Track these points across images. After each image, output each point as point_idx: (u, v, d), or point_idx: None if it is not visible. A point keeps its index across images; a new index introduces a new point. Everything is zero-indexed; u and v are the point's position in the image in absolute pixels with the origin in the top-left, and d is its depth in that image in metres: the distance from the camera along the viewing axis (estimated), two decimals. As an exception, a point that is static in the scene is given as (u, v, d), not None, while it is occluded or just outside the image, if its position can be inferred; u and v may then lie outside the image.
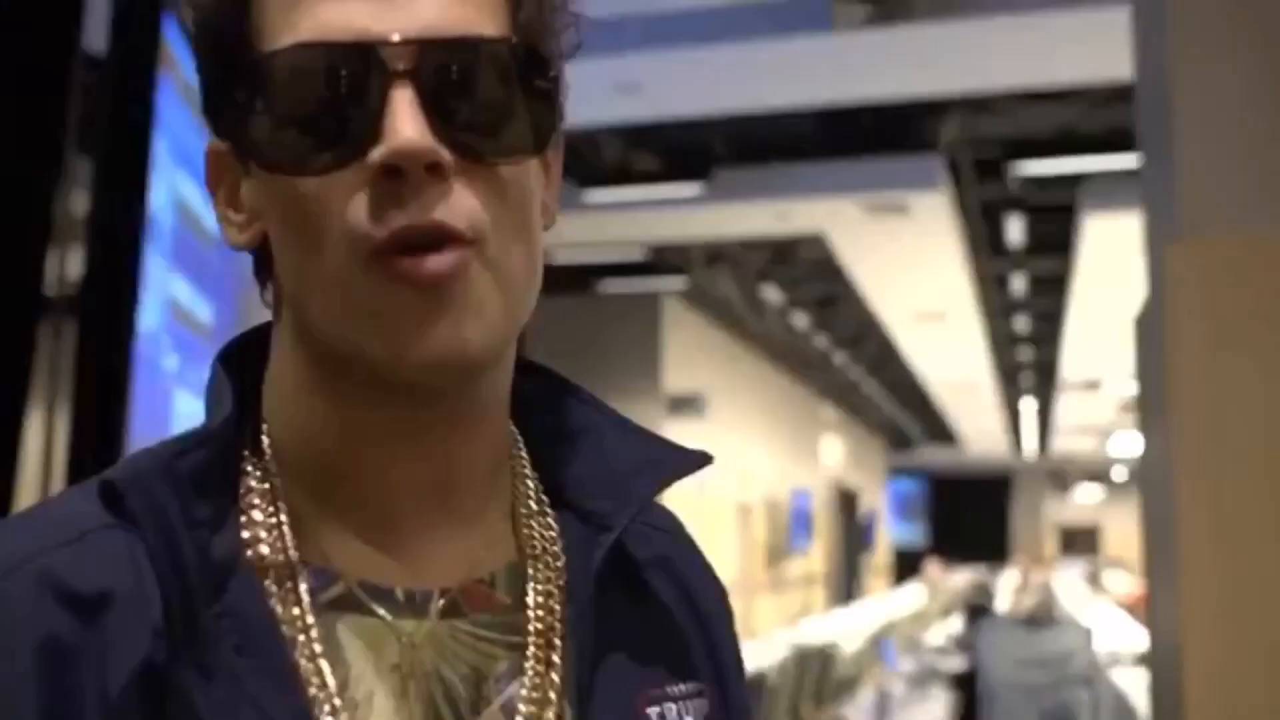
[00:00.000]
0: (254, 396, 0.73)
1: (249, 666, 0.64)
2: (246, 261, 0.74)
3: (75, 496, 0.69)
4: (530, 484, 0.76)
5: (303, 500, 0.70)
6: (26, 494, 2.61)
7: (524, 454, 0.77)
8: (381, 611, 0.68)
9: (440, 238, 0.63)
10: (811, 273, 9.87)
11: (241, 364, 0.73)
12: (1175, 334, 1.67)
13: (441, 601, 0.69)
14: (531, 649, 0.70)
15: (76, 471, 3.19)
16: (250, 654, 0.64)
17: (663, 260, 9.49)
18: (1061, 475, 27.69)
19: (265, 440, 0.72)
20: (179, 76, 3.87)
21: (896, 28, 5.10)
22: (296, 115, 0.64)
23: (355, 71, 0.63)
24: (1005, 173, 7.17)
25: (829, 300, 11.06)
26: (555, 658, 0.70)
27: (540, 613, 0.71)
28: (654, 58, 5.34)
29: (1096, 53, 4.87)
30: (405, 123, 0.62)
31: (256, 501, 0.70)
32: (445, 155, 0.62)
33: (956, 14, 4.97)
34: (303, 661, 0.66)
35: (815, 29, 5.06)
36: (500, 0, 0.67)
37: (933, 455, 25.10)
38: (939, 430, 21.69)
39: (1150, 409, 2.03)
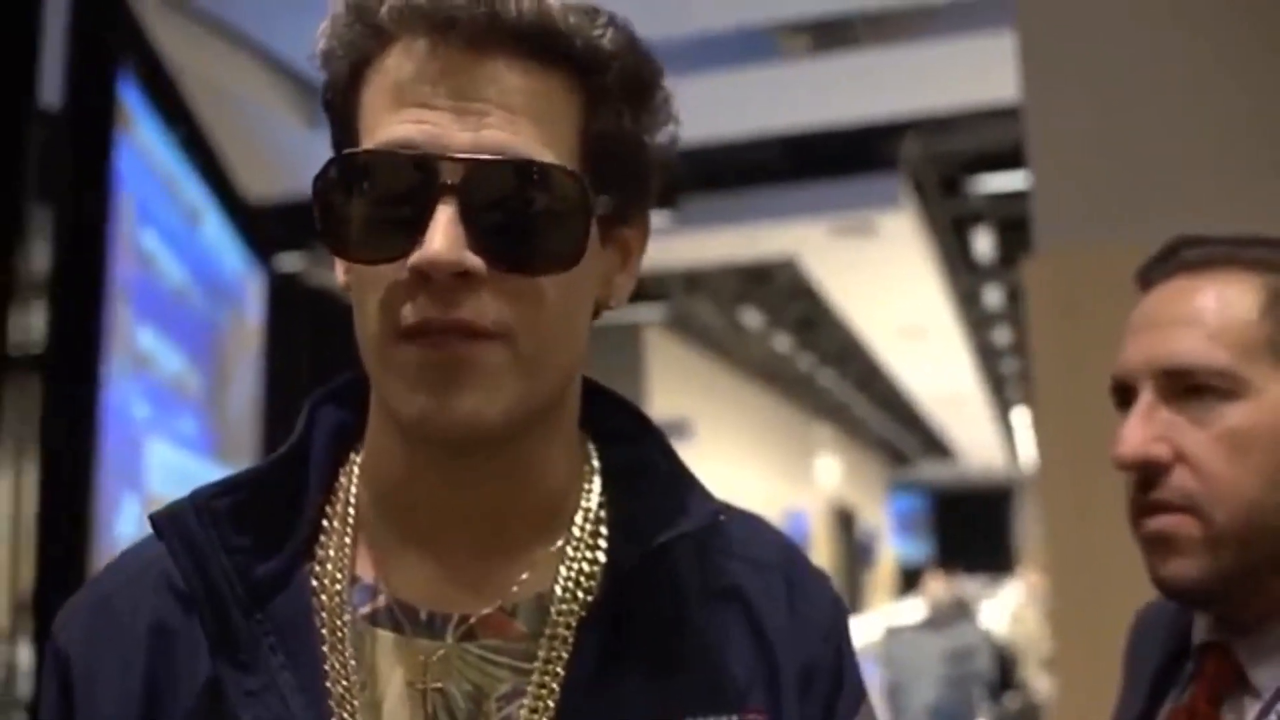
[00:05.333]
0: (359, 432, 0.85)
1: (280, 663, 0.76)
2: (218, 311, 0.87)
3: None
4: (589, 517, 0.82)
5: (379, 526, 0.81)
6: (-2, 551, 2.70)
7: (593, 486, 0.84)
8: (406, 629, 0.78)
9: (464, 333, 0.71)
10: (789, 295, 9.97)
11: (353, 402, 0.85)
12: (1034, 342, 1.78)
13: (460, 626, 0.78)
14: (536, 675, 0.77)
15: (47, 526, 3.27)
16: (284, 653, 0.76)
17: (641, 289, 9.55)
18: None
19: (355, 472, 0.83)
20: (138, 134, 3.99)
21: (843, 55, 5.23)
22: (361, 210, 0.73)
23: (412, 182, 0.71)
24: (967, 189, 7.27)
25: (809, 321, 11.15)
26: (555, 685, 0.76)
27: (554, 643, 0.78)
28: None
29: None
30: (438, 235, 0.69)
31: (336, 525, 0.82)
32: (474, 263, 0.70)
33: (899, 39, 5.09)
34: (334, 662, 0.77)
35: (762, 59, 5.19)
36: (567, 133, 0.74)
37: (934, 471, 25.08)
38: (935, 445, 21.70)
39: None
